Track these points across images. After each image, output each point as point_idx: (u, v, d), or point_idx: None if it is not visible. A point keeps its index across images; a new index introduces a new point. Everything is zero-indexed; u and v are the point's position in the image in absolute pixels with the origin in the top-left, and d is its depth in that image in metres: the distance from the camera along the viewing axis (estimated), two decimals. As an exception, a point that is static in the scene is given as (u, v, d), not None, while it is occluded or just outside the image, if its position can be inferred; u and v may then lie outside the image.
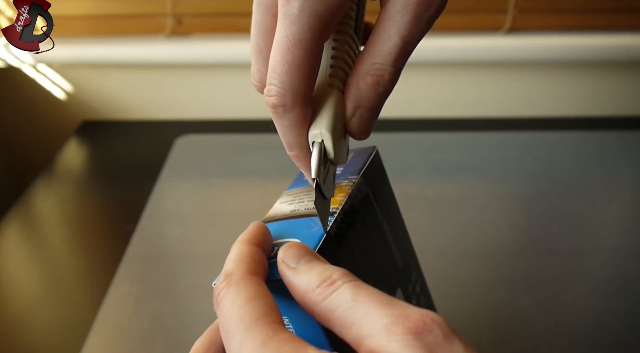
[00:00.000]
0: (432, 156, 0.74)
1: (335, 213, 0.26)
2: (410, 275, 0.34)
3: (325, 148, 0.25)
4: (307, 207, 0.27)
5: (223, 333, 0.20)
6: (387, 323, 0.18)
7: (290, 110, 0.24)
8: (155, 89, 0.88)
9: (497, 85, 0.87)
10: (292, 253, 0.22)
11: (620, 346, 0.46)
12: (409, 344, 0.18)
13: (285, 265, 0.22)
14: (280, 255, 0.22)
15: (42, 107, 0.89)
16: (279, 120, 0.24)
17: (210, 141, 0.80)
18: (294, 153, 0.26)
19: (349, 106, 0.25)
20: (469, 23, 0.80)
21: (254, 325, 0.19)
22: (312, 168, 0.25)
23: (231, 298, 0.21)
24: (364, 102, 0.24)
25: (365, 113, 0.25)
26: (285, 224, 0.26)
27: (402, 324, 0.18)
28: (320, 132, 0.24)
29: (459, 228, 0.60)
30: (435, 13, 0.24)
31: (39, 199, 0.69)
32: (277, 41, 0.23)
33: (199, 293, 0.52)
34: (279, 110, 0.24)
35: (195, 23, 0.82)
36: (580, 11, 0.80)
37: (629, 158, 0.74)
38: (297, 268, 0.22)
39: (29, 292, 0.55)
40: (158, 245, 0.59)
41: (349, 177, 0.29)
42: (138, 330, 0.49)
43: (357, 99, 0.24)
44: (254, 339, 0.19)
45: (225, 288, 0.21)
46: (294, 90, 0.23)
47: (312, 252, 0.23)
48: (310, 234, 0.25)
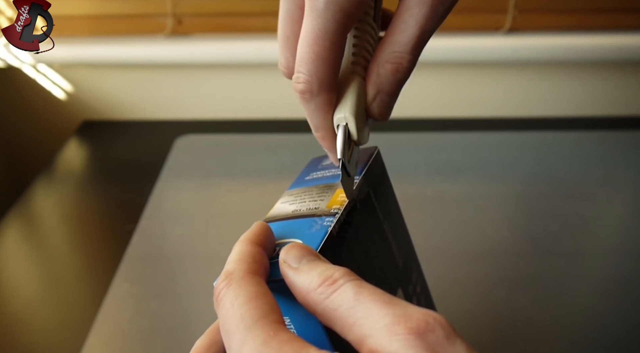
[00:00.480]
0: (432, 156, 0.74)
1: (337, 213, 0.26)
2: (410, 275, 0.34)
3: (349, 130, 0.27)
4: (309, 207, 0.27)
5: (223, 333, 0.20)
6: (389, 323, 0.18)
7: (317, 95, 0.26)
8: (155, 89, 0.88)
9: (497, 85, 0.87)
10: (293, 254, 0.22)
11: (620, 346, 0.46)
12: (411, 344, 0.17)
13: (287, 265, 0.22)
14: (282, 256, 0.22)
15: (42, 107, 0.89)
16: (307, 105, 0.27)
17: (210, 141, 0.80)
18: (320, 134, 0.28)
19: (370, 91, 0.27)
20: (469, 23, 0.80)
21: (255, 324, 0.19)
22: (338, 149, 0.27)
23: (231, 298, 0.21)
24: (384, 88, 0.26)
25: (385, 97, 0.27)
26: (287, 224, 0.27)
27: (404, 324, 0.18)
28: (344, 115, 0.26)
29: (459, 228, 0.60)
30: (449, 6, 0.25)
31: (39, 199, 0.69)
32: (304, 33, 0.25)
33: (199, 293, 0.52)
34: (306, 96, 0.26)
35: (195, 23, 0.82)
36: (580, 11, 0.80)
37: (629, 158, 0.74)
38: (299, 268, 0.22)
39: (29, 292, 0.55)
40: (158, 245, 0.59)
41: None
42: (138, 330, 0.49)
43: (377, 85, 0.26)
44: (254, 339, 0.19)
45: (225, 288, 0.21)
46: (320, 78, 0.25)
47: (314, 253, 0.23)
48: (312, 234, 0.25)
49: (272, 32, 0.81)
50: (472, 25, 0.81)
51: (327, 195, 0.28)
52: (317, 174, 0.31)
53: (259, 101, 0.88)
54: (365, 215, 0.29)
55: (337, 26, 0.24)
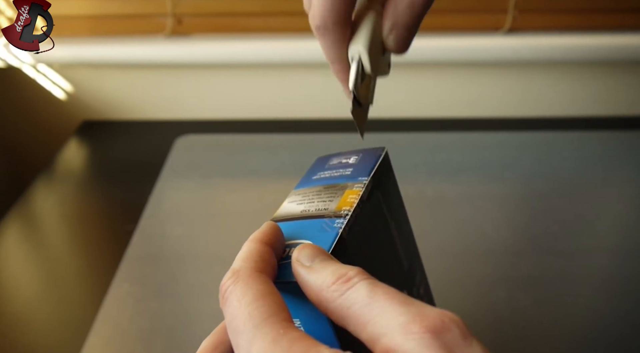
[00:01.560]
0: (432, 156, 0.74)
1: (347, 215, 0.26)
2: (415, 277, 0.34)
3: (362, 63, 0.28)
4: (318, 208, 0.27)
5: (230, 331, 0.20)
6: (404, 322, 0.18)
7: (332, 30, 0.27)
8: (155, 89, 0.88)
9: (497, 85, 0.87)
10: (306, 253, 0.22)
11: (620, 346, 0.46)
12: (426, 343, 0.17)
13: (299, 263, 0.22)
14: (295, 255, 0.22)
15: (42, 107, 0.89)
16: (322, 39, 0.28)
17: (210, 141, 0.80)
18: (336, 67, 0.30)
19: (387, 24, 0.28)
20: (469, 23, 0.80)
21: (264, 323, 0.19)
22: (350, 80, 0.28)
23: (238, 295, 0.20)
24: (400, 19, 0.28)
25: (402, 30, 0.28)
26: (296, 225, 0.26)
27: (420, 323, 0.18)
28: (357, 48, 0.28)
29: (459, 228, 0.60)
30: None
31: (39, 199, 0.69)
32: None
33: (199, 293, 0.52)
34: (321, 31, 0.28)
35: (195, 23, 0.82)
36: (580, 11, 0.80)
37: (629, 158, 0.74)
38: (312, 266, 0.22)
39: (29, 292, 0.55)
40: (158, 245, 0.59)
41: (359, 179, 0.29)
42: (138, 330, 0.48)
43: (393, 18, 0.28)
44: (264, 337, 0.19)
45: (232, 285, 0.21)
46: (334, 13, 0.27)
47: (326, 253, 0.23)
48: (323, 236, 0.25)
49: (272, 32, 0.82)
50: (472, 25, 0.81)
51: (336, 196, 0.28)
52: (325, 173, 0.31)
53: (259, 101, 0.88)
54: (374, 217, 0.29)
55: None
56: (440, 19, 0.80)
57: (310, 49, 0.78)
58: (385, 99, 0.88)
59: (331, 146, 0.77)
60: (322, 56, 0.29)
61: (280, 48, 0.80)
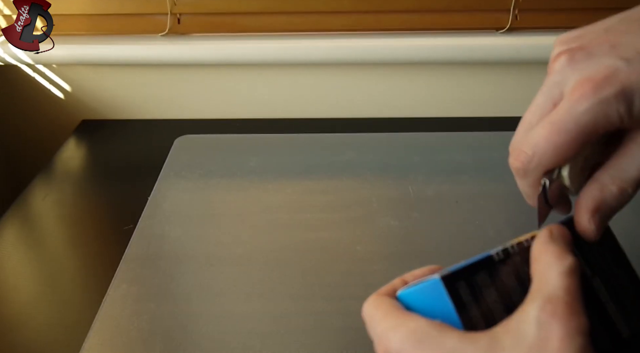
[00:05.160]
0: (432, 156, 0.74)
1: (511, 247, 0.30)
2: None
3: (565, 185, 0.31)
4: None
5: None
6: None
7: (530, 176, 0.30)
8: (155, 89, 0.87)
9: (497, 85, 0.86)
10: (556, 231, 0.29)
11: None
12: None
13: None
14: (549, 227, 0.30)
15: (41, 107, 0.89)
16: (519, 180, 0.32)
17: (210, 141, 0.80)
18: (530, 202, 0.33)
19: (588, 205, 0.30)
20: (469, 22, 0.80)
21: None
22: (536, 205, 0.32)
23: None
24: (607, 206, 0.30)
25: (605, 219, 0.31)
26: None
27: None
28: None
29: (459, 228, 0.60)
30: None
31: (37, 199, 0.69)
32: (551, 121, 0.28)
33: (198, 294, 0.52)
34: (520, 174, 0.31)
35: (195, 22, 0.81)
36: (580, 11, 0.80)
37: (629, 158, 0.74)
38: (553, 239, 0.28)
39: (27, 292, 0.54)
40: (157, 246, 0.59)
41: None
42: (137, 331, 0.48)
43: (599, 202, 0.30)
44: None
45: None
46: (540, 163, 0.29)
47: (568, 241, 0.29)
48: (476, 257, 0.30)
49: (272, 31, 0.81)
50: (473, 25, 0.80)
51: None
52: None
53: (259, 101, 0.88)
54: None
55: (587, 131, 0.26)
56: (441, 18, 0.80)
57: (310, 49, 0.78)
58: (385, 98, 0.88)
59: (331, 146, 0.77)
60: (322, 56, 0.29)
61: (280, 47, 0.80)
